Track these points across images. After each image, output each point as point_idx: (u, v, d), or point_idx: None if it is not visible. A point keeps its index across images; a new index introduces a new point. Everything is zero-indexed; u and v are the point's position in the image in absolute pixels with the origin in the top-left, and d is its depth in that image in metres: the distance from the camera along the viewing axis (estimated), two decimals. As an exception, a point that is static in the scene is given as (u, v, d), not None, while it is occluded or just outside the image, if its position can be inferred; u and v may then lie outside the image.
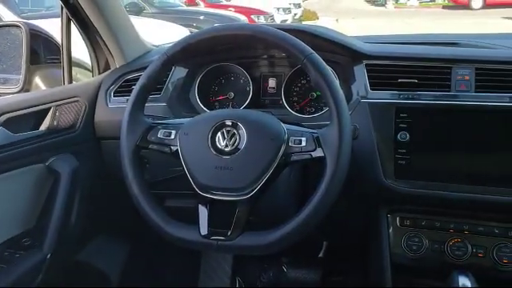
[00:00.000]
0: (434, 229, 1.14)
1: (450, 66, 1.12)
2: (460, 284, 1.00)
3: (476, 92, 1.09)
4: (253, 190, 0.91)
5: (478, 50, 1.25)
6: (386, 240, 1.16)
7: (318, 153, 0.91)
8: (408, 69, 1.15)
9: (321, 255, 1.77)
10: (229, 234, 0.92)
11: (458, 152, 1.08)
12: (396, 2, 21.60)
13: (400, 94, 1.12)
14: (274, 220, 0.94)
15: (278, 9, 12.32)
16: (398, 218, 1.16)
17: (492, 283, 1.10)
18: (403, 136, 1.09)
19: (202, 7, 10.09)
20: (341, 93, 0.91)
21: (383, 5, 21.64)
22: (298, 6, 14.43)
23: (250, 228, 0.93)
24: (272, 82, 1.38)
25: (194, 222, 0.94)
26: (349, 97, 1.17)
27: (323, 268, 1.76)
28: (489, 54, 1.18)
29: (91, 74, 1.50)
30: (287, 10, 12.82)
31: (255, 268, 1.79)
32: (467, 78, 1.10)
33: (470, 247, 1.10)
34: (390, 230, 1.17)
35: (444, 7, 19.42)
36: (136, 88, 1.02)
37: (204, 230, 0.93)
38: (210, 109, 1.35)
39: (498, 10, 15.17)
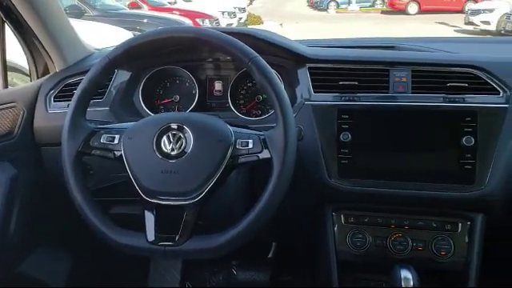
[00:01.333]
0: (377, 225, 1.17)
1: (388, 69, 1.17)
2: (402, 277, 1.04)
3: (412, 93, 1.14)
4: (200, 194, 0.91)
5: (414, 53, 1.31)
6: (332, 238, 1.19)
7: (265, 154, 0.92)
8: (349, 71, 1.19)
9: (270, 256, 1.79)
10: (177, 239, 0.91)
11: (397, 150, 1.12)
12: (337, 7, 22.24)
13: (342, 96, 1.16)
14: (222, 223, 0.94)
15: (223, 13, 12.33)
16: (342, 216, 1.19)
17: (432, 275, 1.15)
18: (345, 136, 1.12)
19: (145, 10, 9.92)
20: (285, 95, 0.93)
21: (325, 10, 22.21)
22: (243, 10, 14.51)
23: (198, 232, 0.93)
24: (218, 85, 1.38)
25: (141, 228, 0.93)
26: (293, 99, 1.19)
27: (272, 268, 1.78)
28: (424, 57, 1.24)
29: (29, 78, 1.44)
30: (232, 14, 12.86)
31: (205, 272, 1.78)
32: (404, 79, 1.15)
33: (410, 241, 1.15)
34: (335, 228, 1.19)
35: (383, 12, 20.23)
36: (77, 92, 0.99)
37: (151, 236, 0.92)
38: (155, 112, 1.32)
39: (432, 15, 15.99)
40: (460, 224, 1.14)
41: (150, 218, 0.93)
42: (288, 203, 0.93)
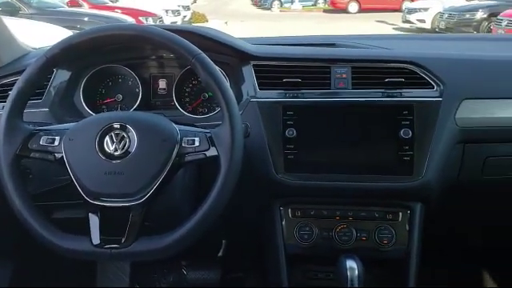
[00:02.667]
0: (323, 217, 1.20)
1: (329, 66, 1.20)
2: (347, 267, 1.07)
3: (353, 89, 1.18)
4: (146, 194, 0.90)
5: (354, 50, 1.36)
6: (280, 232, 1.21)
7: (212, 152, 0.92)
8: (292, 69, 1.21)
9: (220, 254, 1.79)
10: (123, 241, 0.90)
11: (339, 144, 1.15)
12: (281, 6, 22.52)
13: (286, 93, 1.18)
14: (171, 222, 0.93)
15: (167, 11, 12.15)
16: (289, 210, 1.21)
17: (376, 263, 1.20)
18: (290, 132, 1.14)
19: (85, 8, 9.60)
20: (230, 93, 0.93)
21: (269, 8, 22.43)
22: (187, 8, 14.38)
23: (146, 233, 0.91)
24: (162, 83, 1.36)
25: (87, 232, 0.90)
26: (239, 97, 1.20)
27: (223, 267, 1.78)
28: (363, 54, 1.28)
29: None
30: (176, 12, 12.71)
31: (154, 274, 1.76)
32: (345, 76, 1.19)
33: (354, 232, 1.18)
34: (283, 222, 1.21)
35: (325, 11, 20.70)
36: (12, 93, 0.95)
37: (96, 239, 0.90)
38: (98, 113, 1.28)
39: (371, 14, 16.55)
40: (400, 213, 1.18)
41: (94, 221, 0.90)
42: (236, 200, 0.94)
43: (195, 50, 0.94)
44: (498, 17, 9.58)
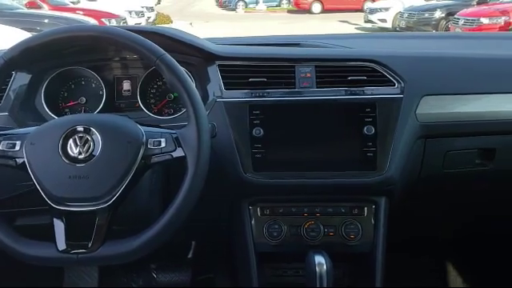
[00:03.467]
0: (291, 214, 1.21)
1: (294, 65, 1.22)
2: (316, 262, 1.08)
3: (317, 87, 1.19)
4: (112, 197, 0.88)
5: (318, 50, 1.38)
6: (250, 231, 1.22)
7: (179, 153, 0.92)
8: (257, 68, 1.22)
9: (190, 256, 1.78)
10: (90, 245, 0.88)
11: (306, 142, 1.17)
12: (246, 7, 22.58)
13: (252, 93, 1.18)
14: (139, 225, 0.92)
15: (131, 12, 11.98)
16: (258, 209, 1.22)
17: (343, 257, 1.22)
18: (257, 132, 1.15)
19: (45, 10, 9.34)
20: (196, 93, 0.93)
21: (234, 9, 22.46)
22: (151, 9, 14.22)
23: (113, 237, 0.90)
24: (127, 85, 1.34)
25: (52, 238, 0.88)
26: (205, 97, 1.20)
27: (193, 268, 1.78)
28: (326, 53, 1.30)
29: None
30: (140, 14, 12.54)
31: (123, 278, 1.73)
32: (309, 75, 1.21)
33: (322, 228, 1.20)
34: (253, 221, 1.22)
35: (289, 11, 20.90)
36: None
37: (61, 245, 0.88)
38: (60, 116, 1.26)
39: (334, 14, 16.81)
40: (366, 208, 1.21)
41: (59, 226, 0.89)
42: (205, 201, 0.94)
43: (159, 51, 0.93)
44: (455, 16, 9.93)
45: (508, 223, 1.65)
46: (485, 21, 9.14)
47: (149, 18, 13.29)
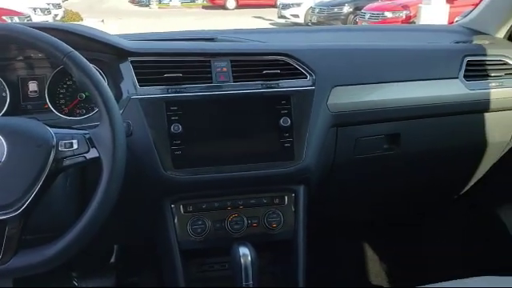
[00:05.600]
0: (214, 209, 1.22)
1: (209, 60, 1.22)
2: (241, 254, 1.10)
3: (234, 82, 1.21)
4: (23, 205, 0.83)
5: (232, 44, 1.39)
6: (173, 229, 1.20)
7: (93, 154, 0.88)
8: (173, 64, 1.21)
9: (113, 260, 1.73)
10: (0, 257, 0.83)
11: (225, 137, 1.18)
12: (159, 3, 22.11)
13: (168, 89, 1.17)
14: (56, 233, 0.88)
15: (35, 9, 11.25)
16: (181, 206, 1.21)
17: (267, 247, 1.25)
18: (176, 128, 1.13)
19: None
20: (108, 90, 0.90)
21: (147, 5, 21.91)
22: (58, 6, 13.45)
23: (27, 246, 0.85)
24: (33, 86, 1.26)
25: None
26: (119, 95, 1.16)
27: (117, 273, 1.72)
28: (241, 47, 1.32)
29: None
30: (46, 11, 11.82)
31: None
32: (225, 69, 1.21)
33: (245, 220, 1.22)
34: (176, 219, 1.21)
35: (204, 7, 20.80)
36: None
37: None
38: None
39: (249, 10, 17.00)
40: (286, 197, 1.25)
41: None
42: (124, 201, 0.92)
43: (66, 48, 0.89)
44: (362, 10, 10.48)
45: (416, 203, 1.78)
46: (388, 15, 9.76)
47: (56, 15, 12.56)
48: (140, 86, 1.17)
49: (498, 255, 1.71)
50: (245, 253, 1.10)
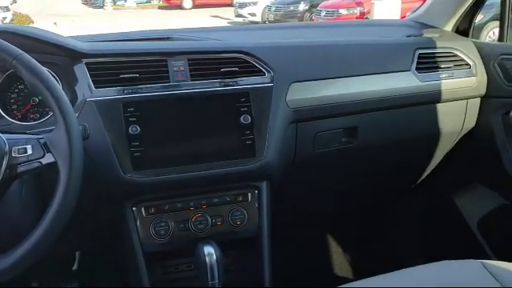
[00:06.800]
0: (177, 210, 1.21)
1: (166, 59, 1.21)
2: (205, 253, 1.10)
3: (192, 80, 1.20)
4: None
5: (189, 43, 1.38)
6: (135, 233, 1.18)
7: (48, 159, 0.86)
8: (128, 64, 1.19)
9: (75, 268, 1.68)
10: None
11: (185, 136, 1.17)
12: (114, 4, 21.64)
13: (124, 90, 1.15)
14: (12, 241, 0.85)
15: (-20, 12, 10.80)
16: (143, 209, 1.19)
17: (232, 244, 1.25)
18: (134, 129, 1.12)
19: None
20: (61, 93, 0.88)
21: (102, 7, 21.39)
22: (6, 9, 12.96)
23: None
24: (-19, 92, 1.21)
25: None
26: (74, 98, 1.13)
27: (80, 280, 1.68)
28: (198, 46, 1.31)
29: None
30: (-7, 14, 11.37)
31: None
32: (182, 68, 1.20)
33: (209, 219, 1.21)
34: (138, 222, 1.19)
35: (160, 8, 20.52)
36: None
37: None
38: None
39: (206, 9, 16.92)
40: (249, 194, 1.25)
41: None
42: (84, 206, 0.90)
43: (15, 51, 0.86)
44: (318, 8, 10.64)
45: (376, 194, 1.83)
46: (343, 11, 9.96)
47: (4, 18, 12.11)
48: (96, 87, 1.14)
49: (454, 241, 1.78)
50: (210, 252, 1.10)
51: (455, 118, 1.55)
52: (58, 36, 1.23)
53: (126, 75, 1.15)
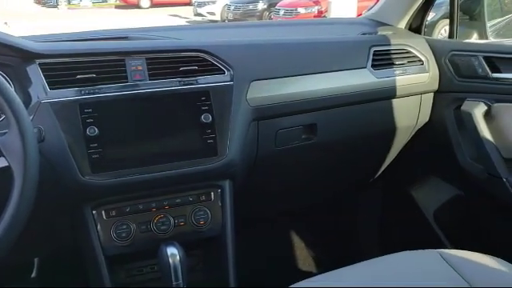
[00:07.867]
0: (139, 212, 1.19)
1: (123, 58, 1.19)
2: (168, 254, 1.09)
3: (150, 80, 1.18)
4: None
5: (147, 42, 1.36)
6: (96, 236, 1.16)
7: (1, 163, 0.83)
8: (85, 64, 1.16)
9: (34, 275, 1.63)
10: None
11: (145, 137, 1.16)
12: (69, 3, 21.02)
13: (81, 90, 1.12)
14: None
15: None
16: (103, 212, 1.17)
17: (196, 244, 1.25)
18: (92, 131, 1.09)
19: None
20: (13, 95, 0.85)
21: (55, 6, 20.73)
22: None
23: None
24: None
25: None
26: (28, 100, 1.10)
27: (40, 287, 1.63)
28: (156, 45, 1.29)
29: None
30: None
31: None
32: (140, 67, 1.19)
33: (172, 220, 1.21)
34: (98, 226, 1.16)
35: (117, 7, 20.10)
36: None
37: None
38: None
39: (164, 8, 16.71)
40: (212, 193, 1.25)
41: None
42: (41, 211, 0.87)
43: None
44: (276, 7, 10.72)
45: (336, 189, 1.87)
46: (301, 10, 10.09)
47: (-50, 18, 11.53)
48: (51, 89, 1.11)
49: (412, 232, 1.84)
50: (173, 252, 1.09)
51: (410, 113, 1.60)
52: (9, 36, 1.18)
53: (82, 76, 1.13)
